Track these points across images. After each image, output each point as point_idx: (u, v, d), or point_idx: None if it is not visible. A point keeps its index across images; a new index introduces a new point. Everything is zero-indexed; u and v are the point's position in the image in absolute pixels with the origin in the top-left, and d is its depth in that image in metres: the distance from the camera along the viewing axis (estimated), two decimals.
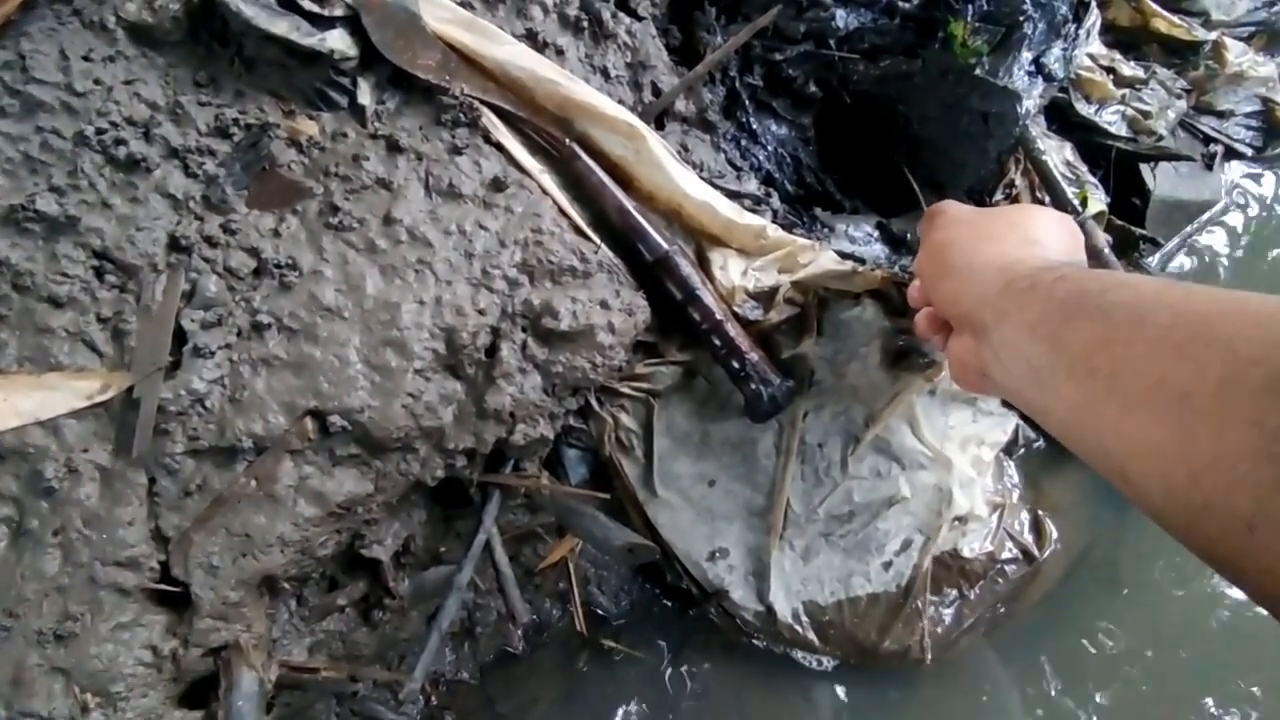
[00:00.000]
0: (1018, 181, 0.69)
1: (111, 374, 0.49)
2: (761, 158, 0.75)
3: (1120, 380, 0.31)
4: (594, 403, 0.60)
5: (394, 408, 0.51)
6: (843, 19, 0.72)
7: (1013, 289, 0.40)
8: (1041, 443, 0.73)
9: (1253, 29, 0.87)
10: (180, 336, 0.51)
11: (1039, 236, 0.45)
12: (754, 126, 0.75)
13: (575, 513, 0.57)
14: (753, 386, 0.59)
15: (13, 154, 0.53)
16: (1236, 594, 0.69)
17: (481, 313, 0.55)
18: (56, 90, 0.55)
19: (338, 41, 0.58)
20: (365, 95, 0.59)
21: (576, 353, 0.56)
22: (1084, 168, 0.73)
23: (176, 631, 0.47)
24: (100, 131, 0.54)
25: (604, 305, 0.57)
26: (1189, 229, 0.81)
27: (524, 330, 0.56)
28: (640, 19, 0.69)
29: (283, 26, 0.57)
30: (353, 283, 0.53)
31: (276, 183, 0.56)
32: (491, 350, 0.55)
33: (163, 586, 0.47)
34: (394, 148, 0.58)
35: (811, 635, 0.63)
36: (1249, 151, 0.85)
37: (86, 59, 0.56)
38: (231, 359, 0.51)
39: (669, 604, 0.68)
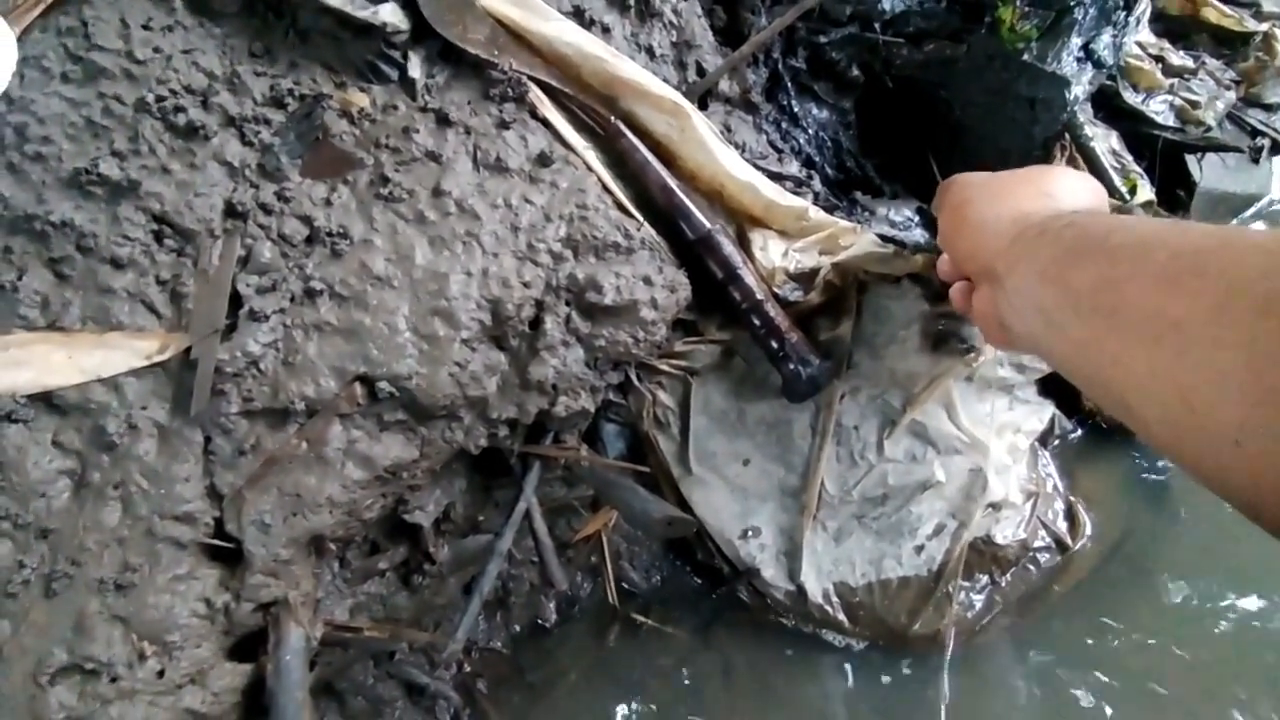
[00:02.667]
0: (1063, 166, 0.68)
1: (170, 335, 0.51)
2: (802, 140, 0.75)
3: (1121, 316, 0.32)
4: (634, 378, 0.61)
5: (440, 376, 0.52)
6: (889, 2, 0.72)
7: (1024, 238, 0.41)
8: (1078, 433, 0.73)
9: None
10: (236, 300, 0.52)
11: (1053, 190, 0.46)
12: (795, 109, 0.75)
13: (615, 485, 0.57)
14: (791, 366, 0.59)
15: (76, 119, 0.54)
16: (1272, 593, 0.69)
17: (527, 285, 0.56)
18: (118, 57, 0.56)
19: (390, 15, 0.59)
20: (415, 69, 0.60)
21: (619, 327, 0.56)
22: (1129, 157, 0.72)
23: (229, 586, 0.49)
24: (160, 99, 0.55)
25: (647, 281, 0.57)
26: (1234, 222, 0.80)
27: (568, 304, 0.56)
28: None
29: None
30: (402, 252, 0.54)
31: (329, 153, 0.57)
32: (535, 323, 0.56)
33: (216, 542, 0.49)
34: (443, 121, 0.58)
35: (841, 616, 0.64)
36: None
37: (146, 27, 0.57)
38: (285, 323, 0.52)
39: (699, 581, 0.69)
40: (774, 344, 0.60)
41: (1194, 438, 0.28)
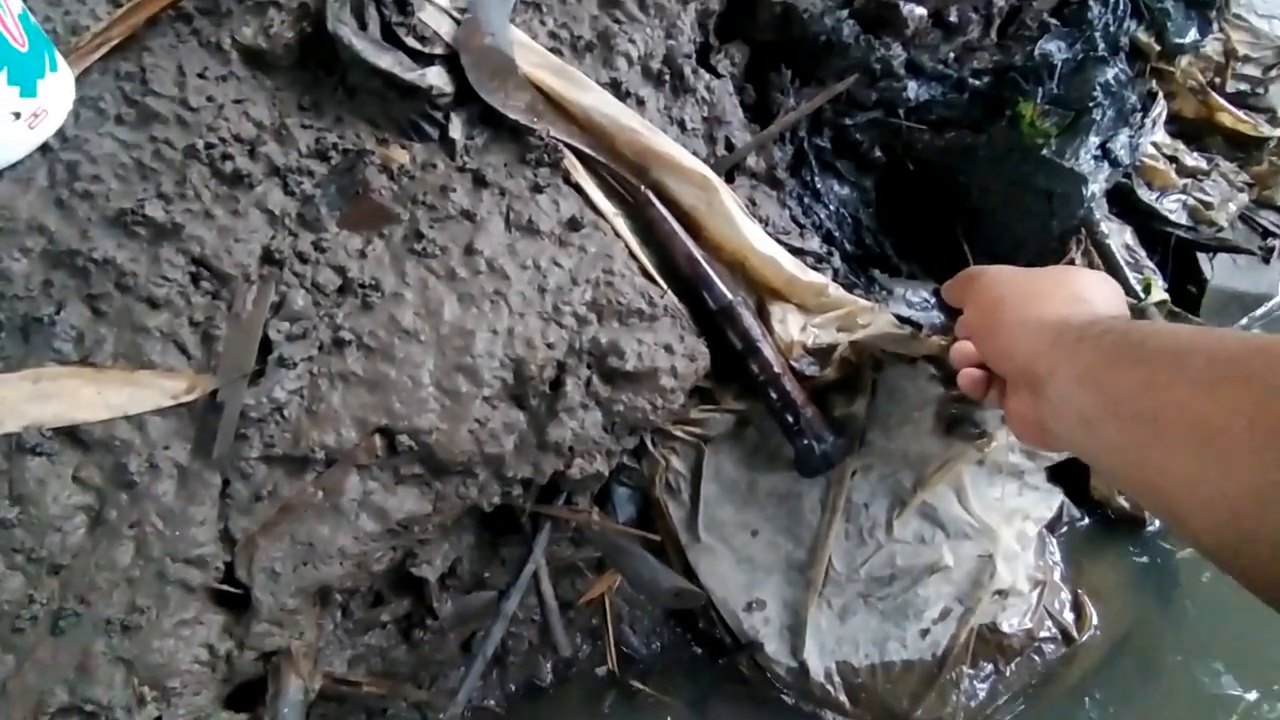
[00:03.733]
0: (1078, 260, 0.70)
1: (198, 376, 0.52)
2: (823, 216, 0.77)
3: (1162, 423, 0.33)
4: (648, 443, 0.62)
5: (460, 432, 0.53)
6: (914, 90, 0.74)
7: (1064, 342, 0.42)
8: (1086, 521, 0.73)
9: None
10: (266, 346, 0.53)
11: (1086, 294, 0.47)
12: (818, 186, 0.77)
13: (624, 551, 0.57)
14: (805, 441, 0.60)
15: (126, 160, 0.56)
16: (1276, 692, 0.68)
17: (550, 346, 0.57)
18: (172, 103, 0.58)
19: (436, 78, 0.62)
20: (456, 130, 0.62)
21: (638, 393, 0.57)
22: (1143, 252, 0.73)
23: (233, 633, 0.49)
24: (209, 145, 0.57)
25: (668, 349, 0.58)
26: (1244, 321, 0.82)
27: (589, 367, 0.57)
28: (719, 76, 0.72)
29: (387, 61, 0.60)
30: (431, 307, 0.55)
31: (367, 206, 0.58)
32: (556, 384, 0.56)
33: (225, 587, 0.49)
34: (479, 181, 0.60)
35: (842, 697, 0.63)
36: None
37: (201, 76, 0.60)
38: (312, 371, 0.53)
39: (700, 650, 0.68)
40: (789, 417, 0.61)
41: (1246, 549, 0.29)
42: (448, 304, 0.56)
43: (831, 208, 0.78)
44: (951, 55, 0.74)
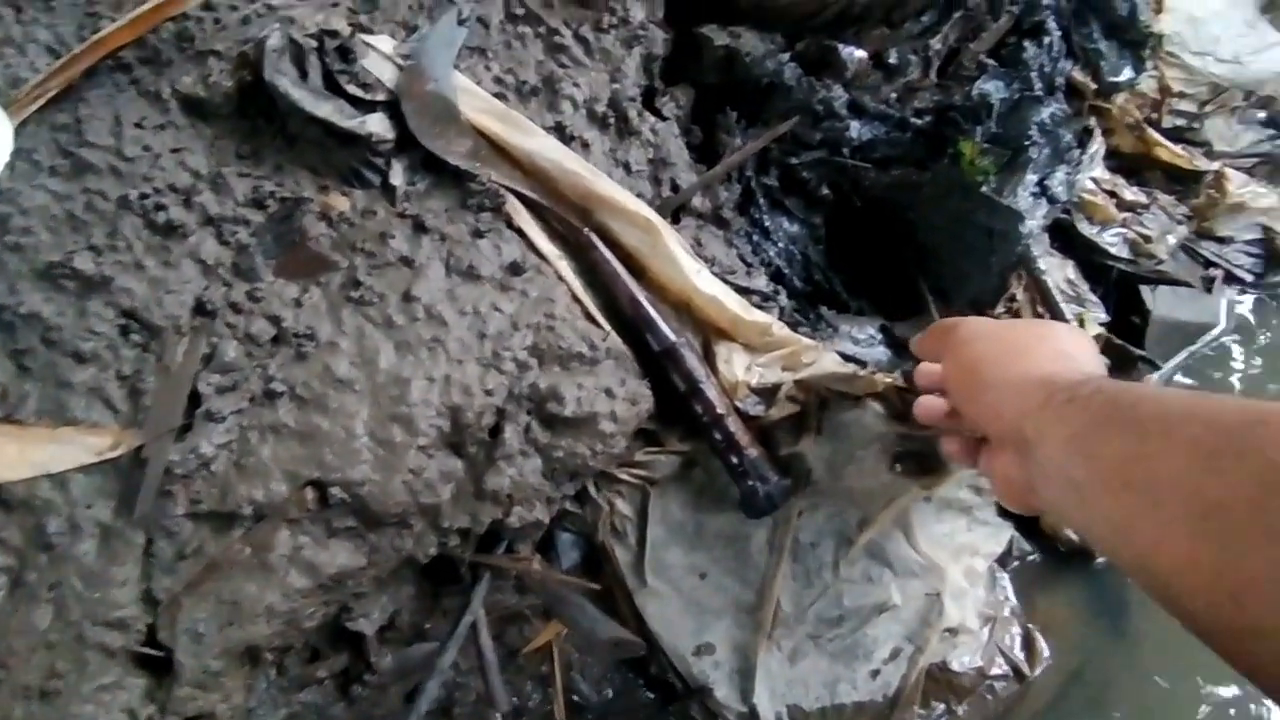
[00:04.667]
0: (1019, 296, 0.71)
1: (124, 432, 0.51)
2: (772, 254, 0.78)
3: (1156, 494, 0.31)
4: (591, 488, 0.61)
5: (394, 483, 0.52)
6: (857, 130, 0.75)
7: (1053, 402, 0.40)
8: (1036, 555, 0.73)
9: (1256, 160, 0.90)
10: (195, 399, 0.52)
11: (1069, 349, 0.46)
12: (767, 224, 0.78)
13: (564, 601, 0.57)
14: (749, 483, 0.60)
15: (58, 212, 0.56)
16: None
17: (489, 393, 0.56)
18: (106, 154, 0.58)
19: (376, 125, 0.62)
20: (398, 176, 0.62)
21: (578, 439, 0.57)
22: (1085, 286, 0.74)
23: (155, 698, 0.47)
24: (143, 196, 0.56)
25: (609, 393, 0.58)
26: (1188, 350, 0.83)
27: (529, 413, 0.57)
28: (664, 119, 0.73)
29: (327, 109, 0.60)
30: (367, 356, 0.55)
31: (304, 254, 0.58)
32: (495, 431, 0.56)
33: (147, 650, 0.47)
34: (420, 227, 0.60)
35: None
36: (1249, 278, 0.87)
37: (139, 126, 0.60)
38: (242, 424, 0.52)
39: (652, 695, 0.67)
40: (733, 459, 0.60)
41: (1251, 643, 0.27)
42: (384, 352, 0.55)
43: (781, 245, 0.79)
44: (893, 95, 0.75)
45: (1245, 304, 0.89)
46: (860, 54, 0.72)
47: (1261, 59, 0.84)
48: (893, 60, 0.73)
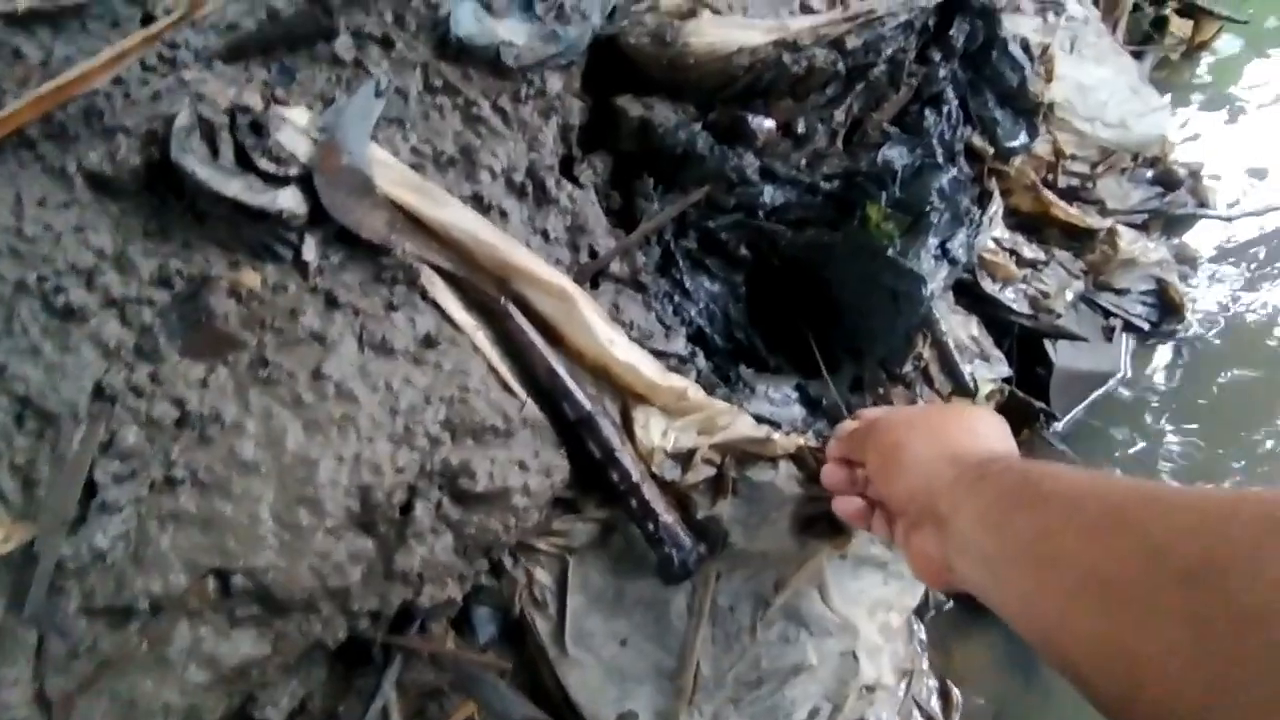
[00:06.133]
0: (926, 354, 0.74)
1: (15, 524, 0.49)
2: (693, 313, 0.79)
3: (1058, 570, 0.32)
4: (506, 561, 0.61)
5: (300, 568, 0.52)
6: (770, 194, 0.78)
7: (965, 479, 0.42)
8: (951, 604, 0.75)
9: (1146, 215, 0.95)
10: (91, 488, 0.51)
11: (980, 428, 0.49)
12: (687, 284, 0.80)
13: (476, 680, 0.56)
14: (665, 550, 0.61)
15: None
16: None
17: (400, 471, 0.56)
18: (6, 235, 0.57)
19: (288, 200, 0.62)
20: (310, 251, 0.62)
21: (490, 514, 0.57)
22: (989, 341, 0.78)
23: None
24: (42, 279, 0.56)
25: (522, 466, 0.59)
26: (1090, 399, 0.87)
27: (440, 488, 0.57)
28: (582, 186, 0.74)
29: (235, 187, 0.60)
30: (273, 437, 0.55)
31: (211, 333, 0.58)
32: (406, 509, 0.56)
33: None
34: (332, 302, 0.60)
35: None
36: (1145, 326, 0.92)
37: (41, 204, 0.59)
38: (140, 513, 0.51)
39: None
40: (649, 526, 0.61)
41: (1149, 716, 0.27)
42: (291, 432, 0.55)
43: (702, 304, 0.80)
44: (803, 162, 0.78)
45: (1144, 351, 0.94)
46: (769, 124, 0.75)
47: (1146, 122, 0.90)
48: (801, 129, 0.77)
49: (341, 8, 0.72)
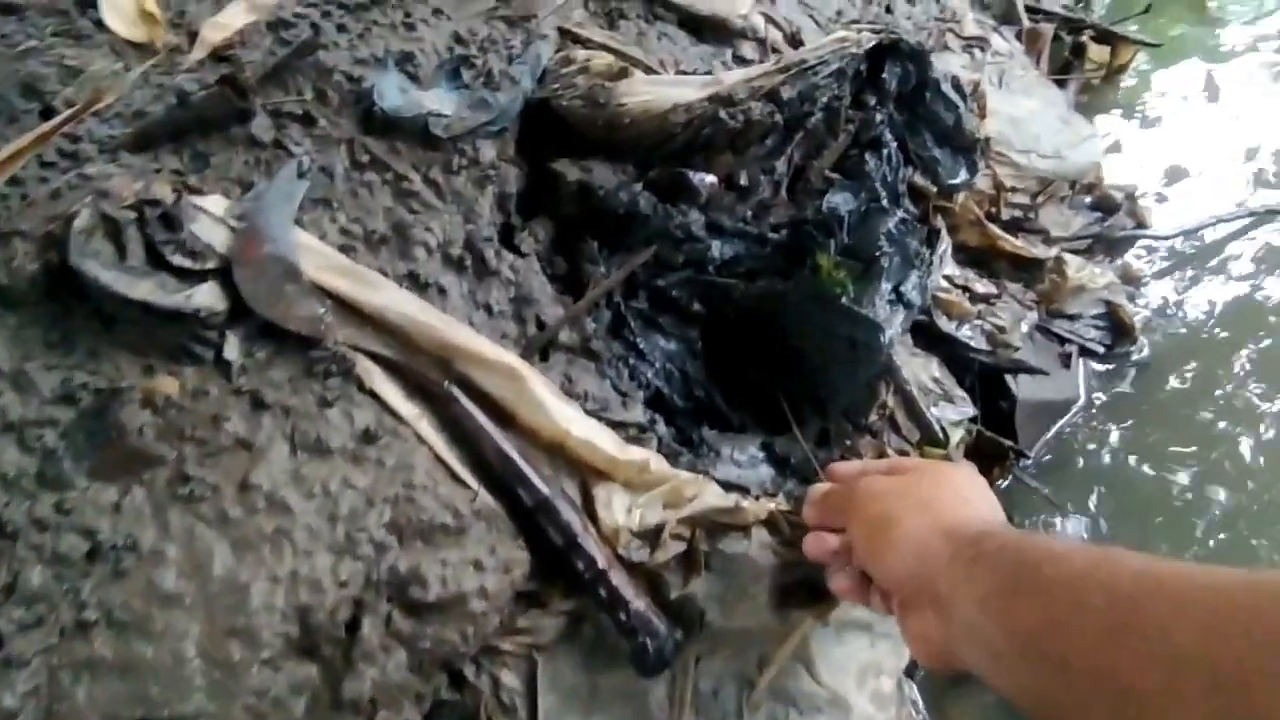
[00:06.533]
0: (890, 401, 0.72)
1: None
2: (650, 375, 0.76)
3: (1070, 667, 0.31)
4: (468, 671, 0.56)
5: (234, 710, 0.46)
6: (718, 248, 0.76)
7: (960, 558, 0.41)
8: None
9: (1089, 240, 0.97)
10: None
11: (967, 495, 0.48)
12: (641, 345, 0.77)
13: None
14: (639, 640, 0.57)
15: None
16: None
17: (343, 585, 0.51)
18: None
19: (205, 297, 0.58)
20: (232, 350, 0.58)
21: (446, 623, 0.53)
22: (951, 381, 0.77)
23: None
24: None
25: (477, 566, 0.55)
26: (1055, 428, 0.86)
27: (389, 600, 0.52)
28: (524, 255, 0.71)
29: (144, 289, 0.56)
30: (198, 562, 0.50)
31: (123, 451, 0.53)
32: (352, 626, 0.51)
33: None
34: (259, 404, 0.56)
35: None
36: (1100, 349, 0.92)
37: None
38: (50, 664, 0.46)
39: None
40: (620, 615, 0.57)
41: None
42: (218, 554, 0.50)
43: (658, 364, 0.78)
44: (749, 214, 0.77)
45: (1100, 375, 0.94)
46: (711, 179, 0.74)
47: (1079, 151, 0.91)
48: (743, 181, 0.75)
49: (257, 86, 0.69)
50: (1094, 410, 0.92)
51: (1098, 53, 1.24)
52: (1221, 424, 0.90)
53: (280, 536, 0.51)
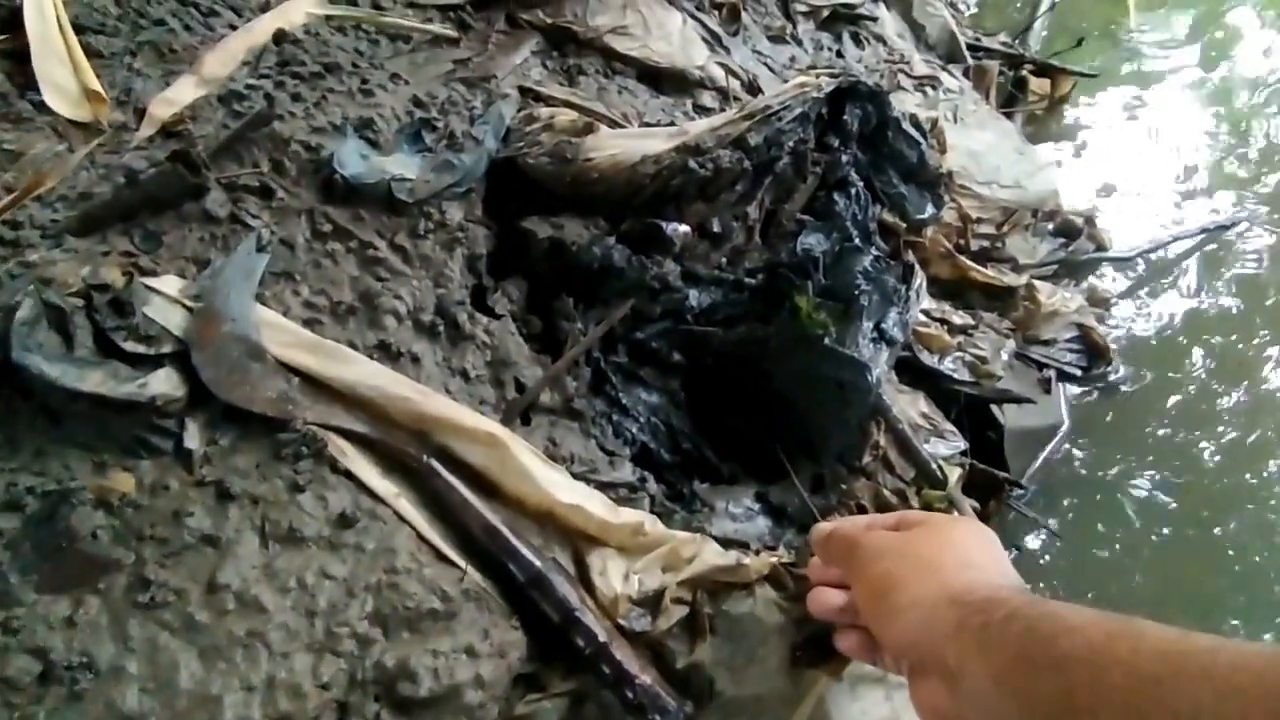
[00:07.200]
0: (882, 441, 0.70)
1: None
2: (635, 430, 0.74)
3: None
4: None
5: None
6: (695, 297, 0.75)
7: (969, 627, 0.40)
8: None
9: (1055, 265, 0.98)
10: None
11: (973, 557, 0.46)
12: (624, 400, 0.75)
13: None
14: (648, 717, 0.53)
15: None
16: None
17: (325, 687, 0.47)
18: None
19: (162, 384, 0.54)
20: (193, 438, 0.54)
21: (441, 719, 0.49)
22: (940, 416, 0.76)
23: None
24: None
25: (470, 653, 0.51)
26: (1044, 454, 0.86)
27: (377, 699, 0.48)
28: (498, 317, 0.69)
29: (95, 379, 0.52)
30: (162, 677, 0.45)
31: (76, 559, 0.48)
32: None
33: None
34: (224, 495, 0.52)
35: None
36: (1077, 372, 0.92)
37: None
38: None
39: None
40: (627, 692, 0.54)
41: None
42: (185, 665, 0.46)
43: (643, 419, 0.75)
44: (723, 260, 0.76)
45: (1079, 398, 0.94)
46: (683, 228, 0.73)
47: (1037, 180, 0.93)
48: (716, 229, 0.75)
49: (210, 161, 0.67)
50: (1072, 438, 0.92)
51: (1039, 85, 1.29)
52: (1184, 434, 0.91)
53: (253, 639, 0.47)
